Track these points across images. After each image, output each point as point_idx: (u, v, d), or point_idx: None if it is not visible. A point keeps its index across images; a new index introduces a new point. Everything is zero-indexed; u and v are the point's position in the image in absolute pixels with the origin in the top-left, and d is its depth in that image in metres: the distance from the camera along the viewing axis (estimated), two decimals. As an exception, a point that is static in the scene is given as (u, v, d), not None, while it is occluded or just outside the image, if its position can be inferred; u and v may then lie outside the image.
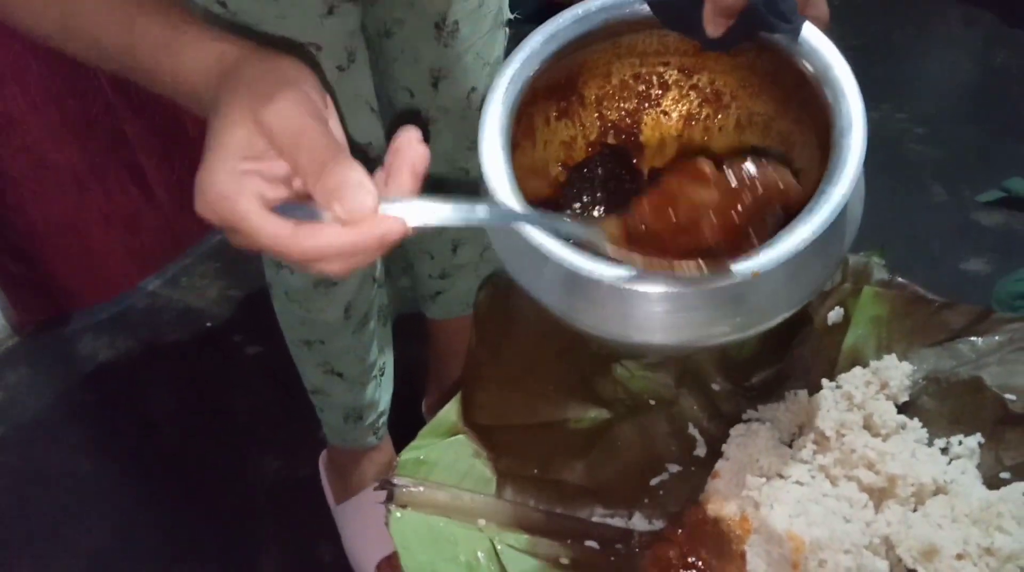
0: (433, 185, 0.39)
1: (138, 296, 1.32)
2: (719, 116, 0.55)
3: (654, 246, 0.40)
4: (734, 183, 0.40)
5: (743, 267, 0.41)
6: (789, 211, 0.44)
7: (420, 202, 0.37)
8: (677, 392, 0.60)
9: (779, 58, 0.48)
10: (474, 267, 0.95)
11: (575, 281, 0.43)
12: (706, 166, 0.40)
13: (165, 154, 1.23)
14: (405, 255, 1.00)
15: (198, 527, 1.05)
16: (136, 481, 1.11)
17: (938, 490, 0.51)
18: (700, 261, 0.40)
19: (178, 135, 1.22)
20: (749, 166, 0.40)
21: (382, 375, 0.94)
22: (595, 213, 0.53)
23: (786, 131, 0.53)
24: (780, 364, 0.60)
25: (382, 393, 0.96)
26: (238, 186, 0.35)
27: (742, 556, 0.47)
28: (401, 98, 0.81)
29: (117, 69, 0.43)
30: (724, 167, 0.40)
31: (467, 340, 0.60)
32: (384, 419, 0.97)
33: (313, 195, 0.36)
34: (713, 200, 0.39)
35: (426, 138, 0.39)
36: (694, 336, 0.44)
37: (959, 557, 0.46)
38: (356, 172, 0.35)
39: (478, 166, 0.73)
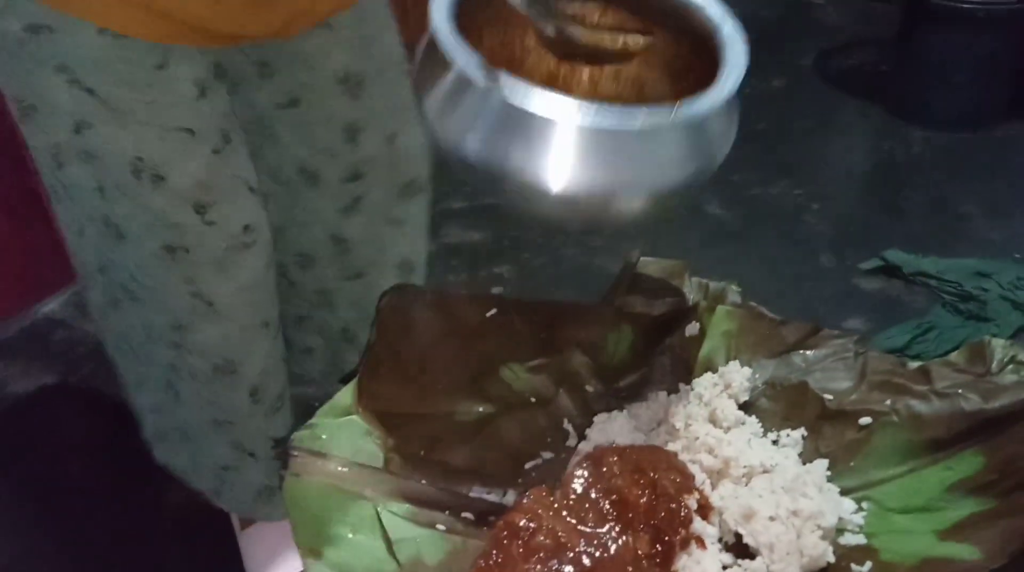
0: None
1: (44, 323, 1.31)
2: None
3: None
4: None
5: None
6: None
7: None
8: (556, 392, 0.68)
9: None
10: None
11: (502, 114, 0.42)
12: None
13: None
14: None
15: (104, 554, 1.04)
16: (32, 506, 1.10)
17: (765, 470, 0.60)
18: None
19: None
20: None
21: None
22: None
23: None
24: (645, 369, 0.69)
25: None
26: None
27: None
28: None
29: None
30: None
31: None
32: None
33: None
34: None
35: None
36: (620, 180, 0.45)
37: (771, 519, 0.54)
38: None
39: (412, 215, 0.71)
